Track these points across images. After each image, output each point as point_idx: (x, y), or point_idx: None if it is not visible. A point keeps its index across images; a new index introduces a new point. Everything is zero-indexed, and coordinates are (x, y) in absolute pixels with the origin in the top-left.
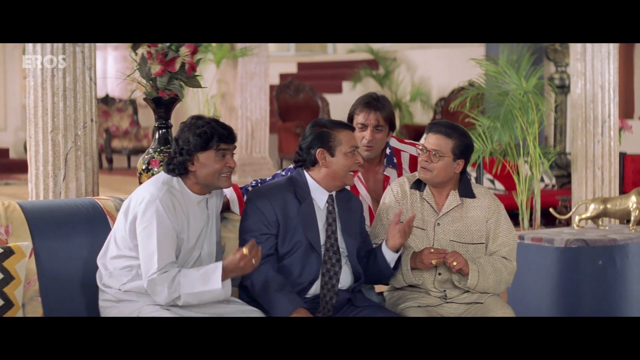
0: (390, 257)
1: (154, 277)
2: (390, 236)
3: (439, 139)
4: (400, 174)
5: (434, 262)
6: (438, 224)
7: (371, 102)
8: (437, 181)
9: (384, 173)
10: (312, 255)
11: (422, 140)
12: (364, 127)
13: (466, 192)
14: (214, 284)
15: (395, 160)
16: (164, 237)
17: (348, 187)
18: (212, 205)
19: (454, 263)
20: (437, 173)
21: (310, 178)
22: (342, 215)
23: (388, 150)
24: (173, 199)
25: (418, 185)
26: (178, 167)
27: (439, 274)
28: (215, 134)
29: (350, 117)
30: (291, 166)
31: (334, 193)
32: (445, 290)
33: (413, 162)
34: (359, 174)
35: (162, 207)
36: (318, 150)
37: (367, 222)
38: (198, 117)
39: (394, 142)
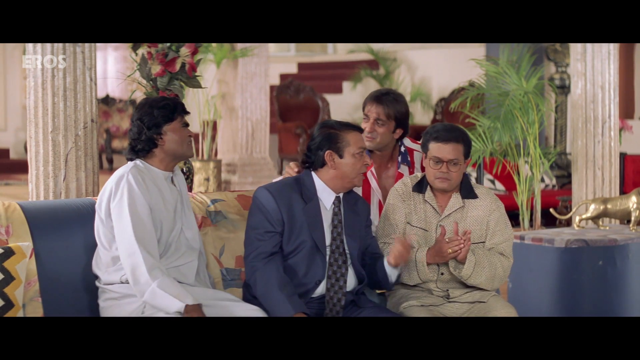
0: (390, 271)
1: (148, 286)
2: (394, 254)
3: (454, 147)
4: (412, 173)
5: (450, 250)
6: (440, 225)
7: (378, 97)
8: (454, 187)
9: (399, 171)
10: (317, 256)
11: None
12: (366, 118)
13: (468, 193)
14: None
15: (409, 159)
16: (137, 210)
17: (359, 188)
18: (178, 182)
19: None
20: (455, 180)
21: (317, 179)
22: (347, 218)
23: (402, 149)
24: (142, 174)
25: (419, 187)
26: (147, 143)
27: (442, 273)
28: (177, 105)
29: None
30: None
31: (341, 195)
32: (447, 290)
33: None
34: (372, 168)
35: (132, 179)
36: (327, 151)
37: (377, 216)
38: (147, 97)
39: (407, 142)
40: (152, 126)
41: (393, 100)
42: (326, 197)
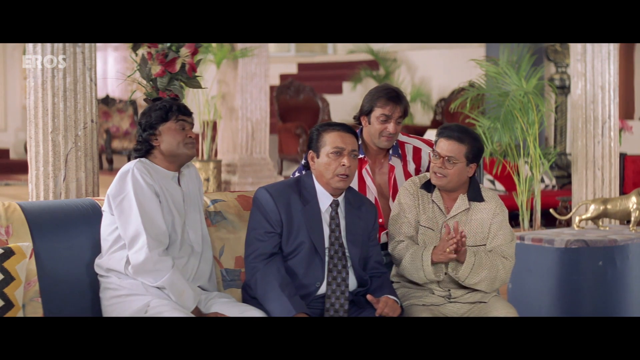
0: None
1: (143, 255)
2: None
3: (452, 144)
4: (405, 164)
5: (448, 249)
6: (445, 224)
7: (394, 97)
8: (451, 186)
9: (390, 162)
10: (316, 258)
11: (434, 144)
12: (387, 119)
13: (475, 196)
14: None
15: (400, 152)
16: (145, 202)
17: (356, 188)
18: (185, 183)
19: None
20: (451, 178)
21: (316, 181)
22: (349, 222)
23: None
24: (147, 168)
25: (427, 186)
26: (143, 144)
27: (445, 273)
28: (173, 105)
29: (369, 110)
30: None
31: (339, 199)
32: (449, 290)
33: (416, 154)
34: (367, 165)
35: (138, 172)
36: (308, 152)
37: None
38: (156, 99)
39: (399, 136)
40: (148, 127)
41: (403, 95)
42: (323, 200)
